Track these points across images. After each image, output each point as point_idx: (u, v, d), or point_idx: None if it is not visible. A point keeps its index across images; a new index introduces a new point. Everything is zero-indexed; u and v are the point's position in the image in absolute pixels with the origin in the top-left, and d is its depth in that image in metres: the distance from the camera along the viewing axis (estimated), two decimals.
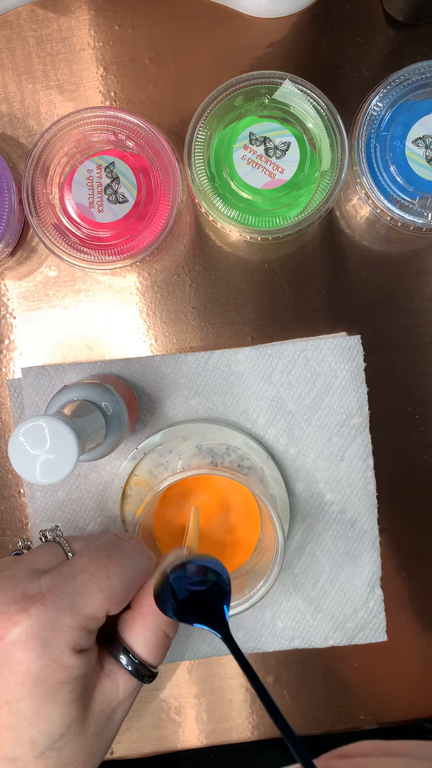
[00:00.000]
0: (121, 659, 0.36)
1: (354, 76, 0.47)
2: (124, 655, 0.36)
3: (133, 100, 0.48)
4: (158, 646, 0.37)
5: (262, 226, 0.43)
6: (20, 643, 0.32)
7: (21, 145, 0.48)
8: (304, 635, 0.48)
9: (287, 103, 0.43)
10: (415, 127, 0.42)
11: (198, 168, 0.43)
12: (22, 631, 0.32)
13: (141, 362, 0.47)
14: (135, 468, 0.47)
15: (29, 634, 0.32)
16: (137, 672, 0.36)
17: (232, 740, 0.49)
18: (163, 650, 0.37)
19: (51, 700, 0.32)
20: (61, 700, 0.32)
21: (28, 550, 0.39)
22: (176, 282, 0.48)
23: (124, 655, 0.36)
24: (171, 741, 0.49)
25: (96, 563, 0.35)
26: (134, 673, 0.36)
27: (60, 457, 0.33)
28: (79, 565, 0.35)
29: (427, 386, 0.48)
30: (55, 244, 0.43)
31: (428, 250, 0.47)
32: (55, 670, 0.32)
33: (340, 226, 0.48)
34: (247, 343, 0.48)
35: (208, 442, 0.47)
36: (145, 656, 0.36)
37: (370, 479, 0.47)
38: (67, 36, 0.47)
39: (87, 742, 0.34)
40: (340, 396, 0.47)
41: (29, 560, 0.36)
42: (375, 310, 0.48)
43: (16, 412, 0.48)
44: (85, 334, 0.48)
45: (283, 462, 0.47)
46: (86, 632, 0.33)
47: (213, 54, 0.47)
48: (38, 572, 0.35)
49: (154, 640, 0.37)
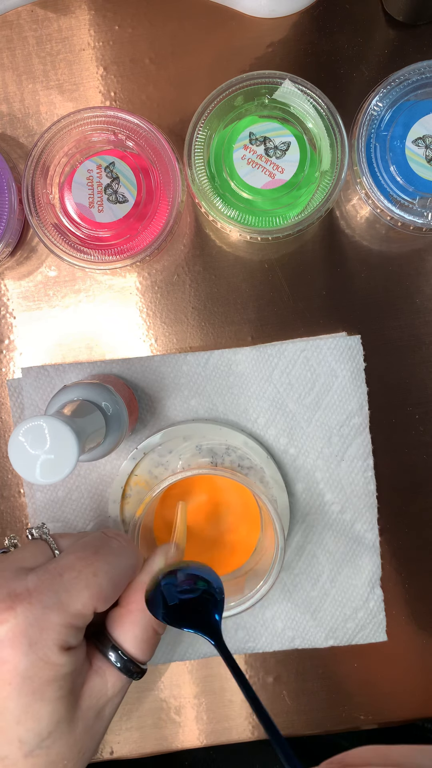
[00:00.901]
0: (109, 656, 0.36)
1: (354, 76, 0.47)
2: (113, 652, 0.36)
3: (133, 100, 0.48)
4: (147, 642, 0.37)
5: (262, 226, 0.43)
6: (7, 641, 0.32)
7: (21, 145, 0.48)
8: (304, 635, 0.48)
9: (287, 103, 0.43)
10: (415, 127, 0.42)
11: (198, 168, 0.43)
12: (8, 630, 0.32)
13: (141, 362, 0.47)
14: (135, 468, 0.47)
15: (16, 632, 0.32)
16: (126, 668, 0.36)
17: (232, 740, 0.49)
18: (152, 646, 0.37)
19: (39, 699, 0.32)
20: (48, 698, 0.32)
21: (15, 548, 0.39)
22: (176, 282, 0.48)
23: (113, 652, 0.36)
24: (171, 741, 0.49)
25: (83, 561, 0.35)
26: (123, 669, 0.36)
27: (60, 457, 0.33)
28: (65, 562, 0.35)
29: (427, 386, 0.48)
30: (55, 244, 0.43)
31: (428, 250, 0.47)
32: (42, 668, 0.32)
33: (340, 226, 0.48)
34: (247, 343, 0.48)
35: (208, 442, 0.47)
36: (133, 653, 0.36)
37: (370, 479, 0.47)
38: (67, 36, 0.47)
39: (76, 740, 0.34)
40: (340, 396, 0.47)
41: (16, 558, 0.35)
42: (375, 310, 0.48)
43: (16, 412, 0.48)
44: (85, 334, 0.48)
45: (283, 462, 0.47)
46: (74, 630, 0.33)
47: (213, 54, 0.47)
48: (25, 570, 0.35)
49: (142, 636, 0.37)
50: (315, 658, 0.49)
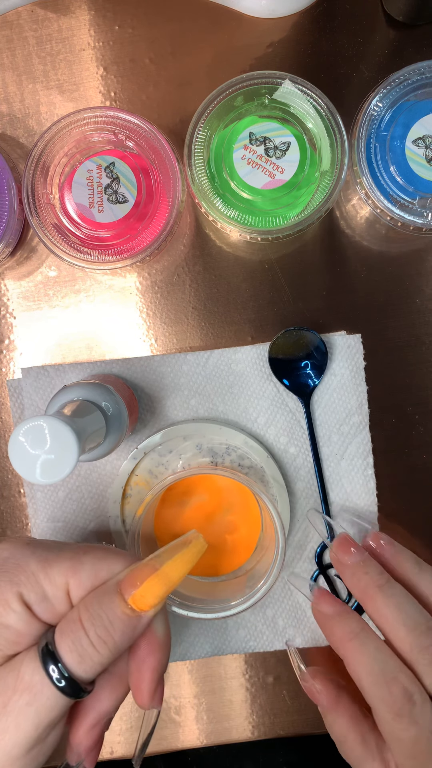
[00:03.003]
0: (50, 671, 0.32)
1: (354, 76, 0.47)
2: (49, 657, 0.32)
3: (133, 100, 0.48)
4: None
5: (262, 226, 0.43)
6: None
7: (21, 145, 0.48)
8: (305, 634, 0.48)
9: (287, 103, 0.43)
10: (415, 127, 0.42)
11: (198, 168, 0.43)
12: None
13: (141, 362, 0.47)
14: (135, 468, 0.47)
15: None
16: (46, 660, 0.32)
17: (232, 740, 0.49)
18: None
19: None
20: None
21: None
22: (176, 282, 0.48)
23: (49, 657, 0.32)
24: (171, 741, 0.49)
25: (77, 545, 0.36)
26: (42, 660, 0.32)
27: (60, 457, 0.33)
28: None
29: (427, 386, 0.48)
30: (55, 244, 0.43)
31: (428, 250, 0.47)
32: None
33: (340, 226, 0.48)
34: (247, 342, 0.48)
35: (209, 441, 0.47)
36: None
37: (370, 477, 0.47)
38: (67, 36, 0.47)
39: None
40: (340, 394, 0.47)
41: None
42: (375, 310, 0.48)
43: (16, 412, 0.48)
44: (85, 334, 0.48)
45: (283, 461, 0.47)
46: (39, 589, 0.32)
47: (213, 54, 0.47)
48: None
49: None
50: (315, 658, 0.49)
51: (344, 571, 0.41)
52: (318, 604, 0.41)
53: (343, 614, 0.40)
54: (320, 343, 0.46)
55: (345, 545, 0.41)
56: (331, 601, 0.41)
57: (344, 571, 0.41)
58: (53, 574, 0.33)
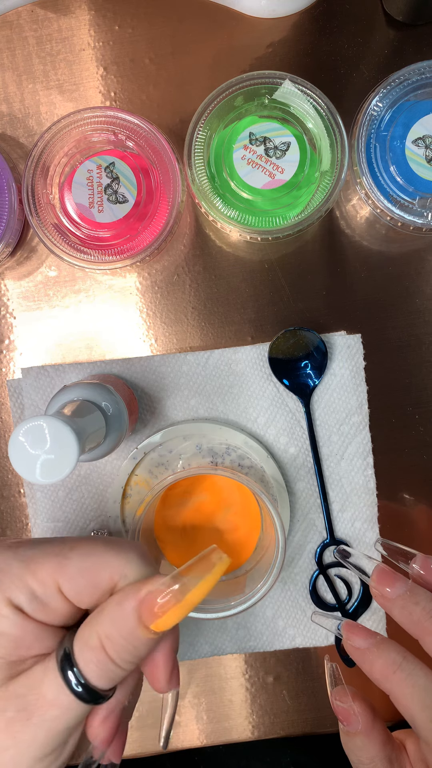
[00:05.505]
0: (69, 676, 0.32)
1: (354, 76, 0.47)
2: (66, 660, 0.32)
3: (133, 100, 0.48)
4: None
5: (262, 226, 0.43)
6: None
7: (21, 145, 0.48)
8: (305, 634, 0.48)
9: (287, 103, 0.43)
10: (415, 127, 0.42)
11: (198, 168, 0.43)
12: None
13: (141, 362, 0.47)
14: (135, 468, 0.47)
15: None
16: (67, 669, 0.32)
17: (232, 740, 0.49)
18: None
19: None
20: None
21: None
22: (176, 282, 0.48)
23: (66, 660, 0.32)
24: (171, 741, 0.49)
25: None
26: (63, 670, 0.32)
27: (60, 457, 0.33)
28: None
29: (427, 386, 0.48)
30: (55, 244, 0.43)
31: (428, 250, 0.47)
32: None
33: (340, 226, 0.48)
34: (247, 342, 0.48)
35: (209, 441, 0.47)
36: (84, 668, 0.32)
37: (370, 477, 0.47)
38: (67, 36, 0.47)
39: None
40: (340, 394, 0.47)
41: None
42: (375, 310, 0.48)
43: (16, 412, 0.48)
44: (85, 334, 0.48)
45: (283, 461, 0.47)
46: (28, 591, 0.32)
47: (213, 54, 0.47)
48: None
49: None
50: (315, 658, 0.49)
51: (392, 606, 0.36)
52: (350, 639, 0.37)
53: (380, 645, 0.36)
54: (320, 343, 0.46)
55: (385, 577, 0.37)
56: (364, 634, 0.37)
57: (392, 607, 0.36)
58: (40, 573, 0.32)
